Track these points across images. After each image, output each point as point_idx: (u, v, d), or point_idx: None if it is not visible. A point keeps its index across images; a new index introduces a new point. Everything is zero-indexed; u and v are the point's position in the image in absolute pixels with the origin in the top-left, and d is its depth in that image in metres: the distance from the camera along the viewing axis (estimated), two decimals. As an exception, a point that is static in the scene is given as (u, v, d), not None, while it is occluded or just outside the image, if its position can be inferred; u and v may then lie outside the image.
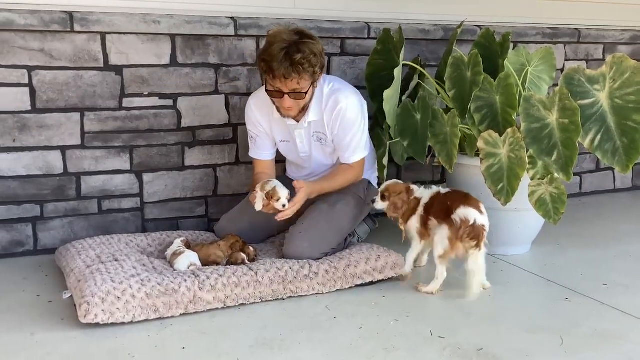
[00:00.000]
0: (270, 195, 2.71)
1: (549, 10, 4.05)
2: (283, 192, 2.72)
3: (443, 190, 2.77)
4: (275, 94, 2.73)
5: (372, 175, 3.13)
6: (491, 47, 3.07)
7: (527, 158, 2.68)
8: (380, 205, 2.82)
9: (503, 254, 3.12)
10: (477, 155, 2.93)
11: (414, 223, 2.76)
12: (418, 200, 2.76)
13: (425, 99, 2.99)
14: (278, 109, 2.81)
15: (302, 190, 2.76)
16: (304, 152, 2.96)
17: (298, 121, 2.85)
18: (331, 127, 2.84)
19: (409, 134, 3.02)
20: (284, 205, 2.71)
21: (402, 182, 2.86)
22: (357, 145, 2.86)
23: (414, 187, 2.80)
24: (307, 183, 2.83)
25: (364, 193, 3.03)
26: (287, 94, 2.69)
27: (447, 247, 2.57)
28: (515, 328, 2.36)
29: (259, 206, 2.73)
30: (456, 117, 2.83)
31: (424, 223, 2.72)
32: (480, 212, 2.59)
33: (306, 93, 2.72)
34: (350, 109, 2.80)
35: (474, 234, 2.53)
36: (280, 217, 2.73)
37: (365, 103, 2.92)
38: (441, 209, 2.65)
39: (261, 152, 3.00)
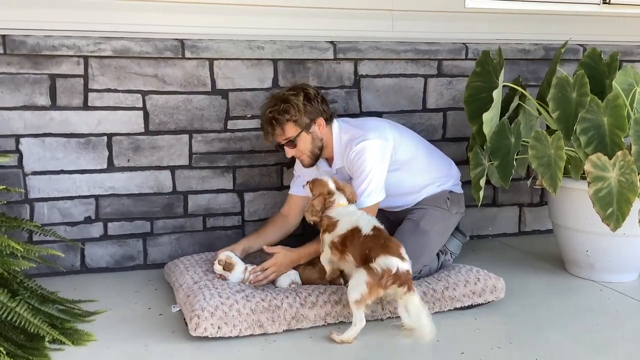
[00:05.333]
0: (227, 266, 2.72)
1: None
2: (239, 266, 2.73)
3: (365, 225, 2.53)
4: (279, 149, 2.92)
5: (453, 184, 3.08)
6: (597, 67, 2.98)
7: (639, 182, 2.57)
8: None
9: (610, 281, 3.00)
10: (583, 178, 2.85)
11: (327, 240, 2.58)
12: (334, 223, 2.58)
13: (519, 127, 2.94)
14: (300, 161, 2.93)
15: (275, 257, 2.74)
16: None
17: (330, 166, 2.94)
18: (350, 172, 2.87)
19: (500, 154, 2.97)
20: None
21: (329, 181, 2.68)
22: (365, 189, 2.79)
23: (338, 200, 2.63)
24: (282, 250, 2.78)
25: (447, 204, 3.01)
26: (283, 145, 2.85)
27: (365, 292, 2.37)
28: (627, 360, 2.27)
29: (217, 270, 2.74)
30: (561, 139, 2.77)
31: (337, 250, 2.55)
32: (402, 258, 2.43)
33: (296, 139, 2.80)
34: (362, 154, 2.78)
35: (401, 280, 2.37)
36: (254, 281, 2.73)
37: (389, 142, 2.84)
38: (359, 254, 2.46)
39: (299, 189, 3.00)
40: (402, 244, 2.79)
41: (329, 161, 2.95)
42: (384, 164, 2.83)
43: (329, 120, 2.88)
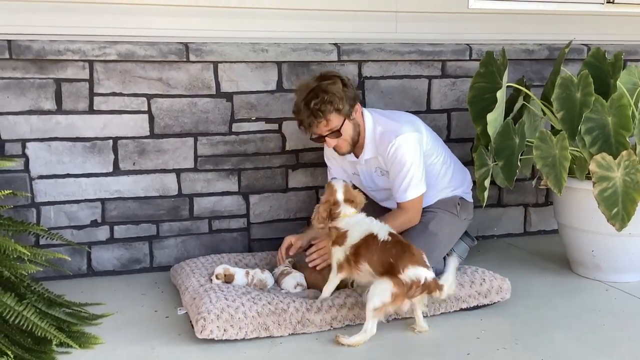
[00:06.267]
0: (227, 278, 2.73)
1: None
2: (239, 273, 2.75)
3: (379, 231, 2.51)
4: (317, 140, 2.85)
5: (464, 191, 3.10)
6: (602, 67, 2.98)
7: (643, 182, 2.58)
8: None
9: (616, 281, 3.00)
10: (588, 178, 2.85)
11: (338, 253, 2.54)
12: (343, 234, 2.53)
13: (524, 127, 2.94)
14: (334, 149, 2.88)
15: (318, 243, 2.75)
16: (368, 186, 3.01)
17: (357, 157, 2.91)
18: (387, 166, 2.86)
19: (504, 155, 2.97)
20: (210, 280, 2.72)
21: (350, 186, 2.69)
22: (409, 184, 2.80)
23: (343, 210, 2.58)
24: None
25: (456, 209, 3.01)
26: (326, 136, 2.77)
27: (388, 301, 2.36)
28: (633, 360, 2.27)
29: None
30: (565, 139, 2.77)
31: (348, 263, 2.51)
32: (427, 267, 2.44)
33: (341, 128, 2.76)
34: (401, 148, 2.79)
35: (430, 288, 2.41)
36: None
37: (425, 135, 2.89)
38: (381, 262, 2.43)
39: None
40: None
41: (356, 152, 2.91)
42: (422, 157, 2.85)
43: (360, 104, 2.86)
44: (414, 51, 3.43)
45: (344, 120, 2.76)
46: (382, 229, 2.53)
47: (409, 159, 2.78)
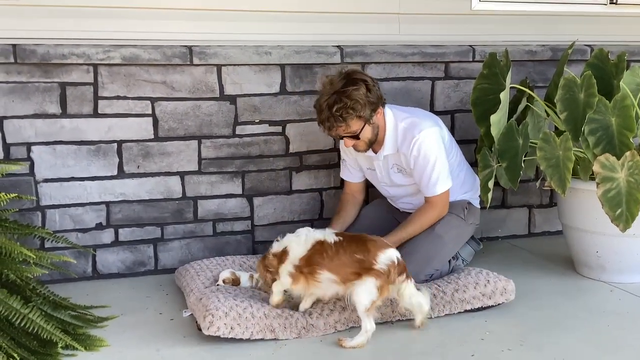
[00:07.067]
0: (234, 282, 2.75)
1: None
2: (243, 276, 2.78)
3: (326, 236, 2.46)
4: (336, 137, 2.87)
5: (472, 196, 3.11)
6: (605, 68, 2.98)
7: (647, 182, 2.57)
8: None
9: (620, 281, 2.99)
10: (591, 179, 2.84)
11: (285, 270, 2.46)
12: (282, 252, 2.48)
13: (527, 128, 2.94)
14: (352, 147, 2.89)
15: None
16: (383, 182, 3.03)
17: (376, 152, 2.92)
18: (410, 163, 2.86)
19: (508, 156, 2.97)
20: (217, 285, 2.71)
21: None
22: (437, 178, 2.83)
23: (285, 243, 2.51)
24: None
25: (464, 213, 3.02)
26: (344, 137, 2.80)
27: (375, 297, 2.36)
28: (638, 361, 2.27)
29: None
30: (569, 140, 2.77)
31: (303, 274, 2.44)
32: (391, 246, 2.48)
33: (361, 132, 2.77)
34: (426, 143, 2.81)
35: (400, 268, 2.42)
36: None
37: (445, 131, 2.93)
38: (344, 263, 2.39)
39: (350, 174, 3.12)
40: (416, 246, 2.83)
41: (375, 148, 2.92)
42: (444, 151, 2.87)
43: (383, 106, 2.87)
44: (417, 53, 3.43)
45: (364, 125, 2.77)
46: (326, 234, 2.50)
47: (434, 153, 2.82)
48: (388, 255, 2.41)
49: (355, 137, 2.79)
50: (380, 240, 2.51)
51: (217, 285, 2.72)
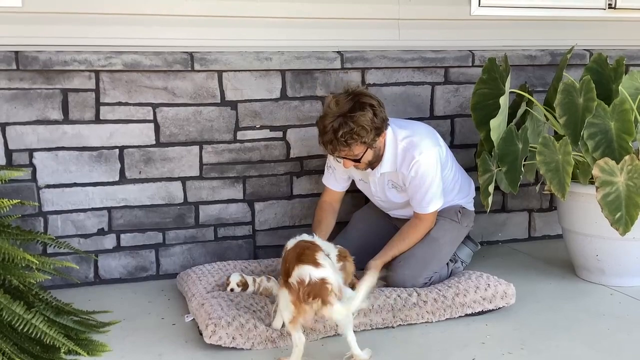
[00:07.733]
0: (244, 286, 2.76)
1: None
2: (249, 280, 2.78)
3: (289, 242, 2.46)
4: (335, 157, 2.85)
5: (467, 201, 3.12)
6: (604, 72, 3.00)
7: (647, 186, 2.59)
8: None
9: (620, 285, 3.00)
10: (591, 182, 2.86)
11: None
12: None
13: (527, 133, 2.96)
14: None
15: (371, 272, 2.58)
16: (377, 196, 3.04)
17: (373, 169, 2.92)
18: (406, 181, 2.88)
19: (508, 160, 2.98)
20: (232, 290, 2.72)
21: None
22: (430, 199, 2.86)
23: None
24: (374, 262, 2.81)
25: (457, 217, 3.04)
26: (344, 158, 2.80)
27: (294, 312, 2.19)
28: (638, 364, 2.28)
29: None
30: (568, 145, 2.78)
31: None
32: (316, 265, 2.22)
33: (363, 156, 2.78)
34: (424, 166, 2.82)
35: (314, 292, 2.15)
36: None
37: (443, 148, 2.93)
38: (283, 270, 2.32)
39: (335, 183, 3.09)
40: (412, 250, 2.84)
41: (372, 165, 2.90)
42: (440, 171, 2.88)
43: (386, 127, 2.83)
44: (417, 58, 3.45)
45: (367, 149, 2.77)
46: (292, 240, 2.47)
47: (430, 175, 2.83)
48: (300, 272, 2.20)
49: (357, 160, 2.80)
50: (311, 253, 2.28)
51: (231, 290, 2.72)
